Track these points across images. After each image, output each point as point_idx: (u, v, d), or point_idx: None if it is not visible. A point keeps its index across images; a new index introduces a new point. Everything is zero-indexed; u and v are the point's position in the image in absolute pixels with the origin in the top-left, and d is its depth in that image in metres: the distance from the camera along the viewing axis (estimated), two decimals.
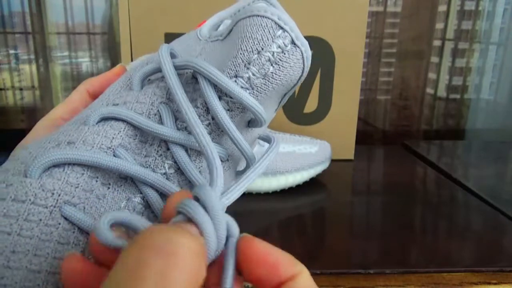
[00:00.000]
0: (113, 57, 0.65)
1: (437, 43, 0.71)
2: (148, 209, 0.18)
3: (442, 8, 0.69)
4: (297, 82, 0.20)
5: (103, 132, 0.18)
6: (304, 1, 0.51)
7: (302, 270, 0.14)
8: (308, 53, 0.19)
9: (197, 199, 0.14)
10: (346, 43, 0.53)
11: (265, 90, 0.19)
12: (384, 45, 0.69)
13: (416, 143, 0.66)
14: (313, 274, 0.14)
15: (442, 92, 0.73)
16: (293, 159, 0.45)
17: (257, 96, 0.19)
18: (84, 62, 0.66)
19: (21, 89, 0.66)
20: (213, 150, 0.17)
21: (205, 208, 0.13)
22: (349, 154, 0.57)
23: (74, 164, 0.17)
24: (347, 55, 0.53)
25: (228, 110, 0.19)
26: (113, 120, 0.19)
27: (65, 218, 0.16)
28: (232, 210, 0.18)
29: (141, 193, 0.18)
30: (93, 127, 0.18)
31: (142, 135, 0.19)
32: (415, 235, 0.37)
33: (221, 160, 0.20)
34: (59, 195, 0.16)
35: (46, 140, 0.19)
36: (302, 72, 0.20)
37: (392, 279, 0.31)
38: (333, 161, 0.50)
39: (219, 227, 0.14)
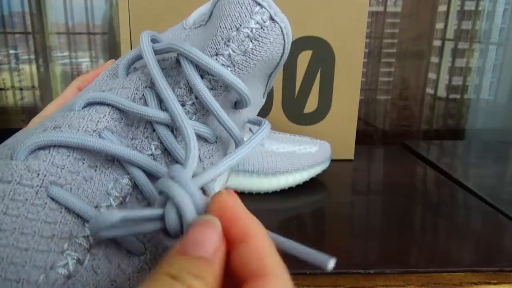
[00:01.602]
0: (113, 57, 0.65)
1: (437, 43, 0.71)
2: (136, 189, 0.18)
3: (442, 8, 0.69)
4: (280, 60, 0.20)
5: (88, 116, 0.18)
6: (304, 1, 0.51)
7: (257, 234, 0.15)
8: (288, 29, 0.19)
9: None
10: (346, 43, 0.53)
11: (246, 67, 0.19)
12: (384, 45, 0.69)
13: (416, 143, 0.66)
14: (313, 274, 0.14)
15: (442, 92, 0.73)
16: (293, 159, 0.45)
17: (238, 73, 0.19)
18: (84, 62, 0.66)
19: (21, 89, 0.66)
20: (189, 128, 0.17)
21: (179, 184, 0.15)
22: (349, 154, 0.57)
23: (59, 146, 0.17)
24: (347, 55, 0.53)
25: (211, 89, 0.19)
26: (99, 104, 0.19)
27: (52, 199, 0.16)
28: None
29: (128, 174, 0.18)
30: (79, 112, 0.18)
31: (128, 118, 0.19)
32: (415, 235, 0.37)
33: (209, 142, 0.20)
34: (44, 176, 0.17)
35: (33, 128, 0.19)
36: (284, 48, 0.20)
37: (392, 279, 0.31)
38: (333, 161, 0.50)
39: (194, 197, 0.15)
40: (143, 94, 0.19)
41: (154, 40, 0.20)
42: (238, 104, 0.21)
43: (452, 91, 0.74)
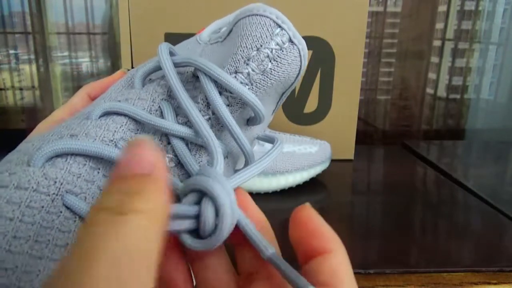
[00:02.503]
0: (113, 57, 0.65)
1: (437, 43, 0.71)
2: None
3: (442, 8, 0.69)
4: (295, 80, 0.21)
5: (105, 125, 0.18)
6: (304, 1, 0.51)
7: (339, 247, 0.16)
8: (305, 51, 0.20)
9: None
10: (346, 43, 0.53)
11: (263, 86, 0.20)
12: (384, 45, 0.69)
13: (416, 143, 0.66)
14: None
15: (442, 92, 0.73)
16: (293, 159, 0.45)
17: (256, 91, 0.19)
18: (84, 62, 0.66)
19: (21, 89, 0.66)
20: (213, 137, 0.18)
21: (218, 181, 0.15)
22: (349, 154, 0.57)
23: (76, 155, 0.17)
24: (347, 55, 0.53)
25: (228, 105, 0.20)
26: (115, 114, 0.19)
27: (67, 207, 0.17)
28: None
29: None
30: (96, 121, 0.19)
31: (144, 129, 0.19)
32: (415, 235, 0.37)
33: None
34: (61, 184, 0.17)
35: (48, 134, 0.19)
36: (300, 70, 0.20)
37: (392, 279, 0.31)
38: (333, 161, 0.50)
39: (231, 196, 0.15)
40: (159, 106, 0.20)
41: (170, 53, 0.21)
42: (250, 121, 0.21)
43: (452, 91, 0.74)
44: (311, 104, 0.54)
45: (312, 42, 0.52)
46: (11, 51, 0.65)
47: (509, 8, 0.71)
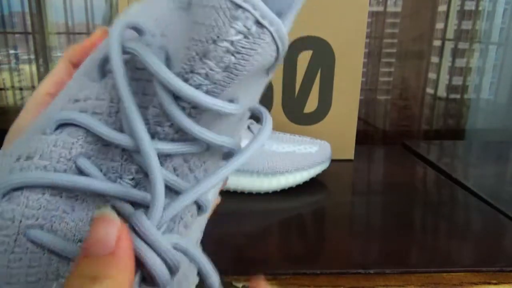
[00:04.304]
0: None
1: (437, 43, 0.71)
2: (118, 215, 0.17)
3: (442, 8, 0.69)
4: (275, 61, 0.17)
5: (60, 142, 0.17)
6: (304, 1, 0.51)
7: None
8: (281, 31, 0.16)
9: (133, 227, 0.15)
10: (346, 43, 0.53)
11: (229, 83, 0.16)
12: (384, 45, 0.69)
13: (416, 143, 0.66)
14: (313, 274, 0.14)
15: (442, 92, 0.73)
16: (293, 159, 0.45)
17: (222, 90, 0.16)
18: None
19: (21, 89, 0.66)
20: (157, 174, 0.15)
21: (145, 240, 0.14)
22: (349, 154, 0.57)
23: (32, 186, 0.16)
24: (347, 55, 0.53)
25: (193, 107, 0.16)
26: (71, 125, 0.17)
27: (32, 242, 0.16)
28: (232, 210, 0.18)
29: (109, 201, 0.17)
30: (51, 136, 0.17)
31: (102, 141, 0.17)
32: (415, 235, 0.37)
33: (197, 152, 0.18)
34: (20, 222, 0.16)
35: (10, 152, 0.18)
36: (277, 53, 0.16)
37: (392, 279, 0.31)
38: (333, 161, 0.50)
39: (167, 255, 0.15)
40: (119, 108, 0.17)
41: (136, 30, 0.17)
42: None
43: (452, 91, 0.74)
44: (311, 104, 0.54)
45: (312, 42, 0.52)
46: (11, 51, 0.65)
47: (509, 8, 0.71)
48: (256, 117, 0.53)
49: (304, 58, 0.53)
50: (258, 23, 0.15)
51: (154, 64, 0.15)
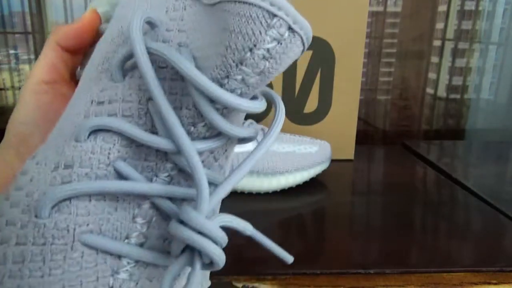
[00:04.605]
0: None
1: (437, 43, 0.71)
2: (157, 212, 0.18)
3: (442, 8, 0.69)
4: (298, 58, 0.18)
5: (97, 148, 0.17)
6: (304, 1, 0.51)
7: None
8: (309, 34, 0.17)
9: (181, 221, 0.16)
10: (346, 43, 0.53)
11: (260, 84, 0.17)
12: (384, 45, 0.69)
13: (416, 143, 0.66)
14: (313, 274, 0.14)
15: (442, 92, 0.73)
16: (293, 159, 0.45)
17: (253, 91, 0.17)
18: None
19: (20, 89, 0.66)
20: (201, 173, 0.16)
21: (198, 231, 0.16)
22: (349, 154, 0.57)
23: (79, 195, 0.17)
24: (347, 55, 0.53)
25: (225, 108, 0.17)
26: (104, 131, 0.18)
27: (86, 245, 0.17)
28: (232, 210, 0.18)
29: (148, 198, 0.18)
30: (86, 143, 0.18)
31: (137, 142, 0.18)
32: (415, 235, 0.37)
33: (221, 140, 0.19)
34: (74, 230, 0.17)
35: (40, 160, 0.18)
36: (302, 52, 0.17)
37: (392, 279, 0.31)
38: (333, 161, 0.50)
39: (218, 239, 0.16)
40: (147, 109, 0.18)
41: (150, 25, 0.18)
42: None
43: (452, 91, 0.74)
44: (311, 104, 0.54)
45: (312, 42, 0.52)
46: (11, 51, 0.65)
47: (509, 8, 0.71)
48: (256, 117, 0.53)
49: (304, 58, 0.53)
50: (290, 29, 0.16)
51: (188, 69, 0.16)
